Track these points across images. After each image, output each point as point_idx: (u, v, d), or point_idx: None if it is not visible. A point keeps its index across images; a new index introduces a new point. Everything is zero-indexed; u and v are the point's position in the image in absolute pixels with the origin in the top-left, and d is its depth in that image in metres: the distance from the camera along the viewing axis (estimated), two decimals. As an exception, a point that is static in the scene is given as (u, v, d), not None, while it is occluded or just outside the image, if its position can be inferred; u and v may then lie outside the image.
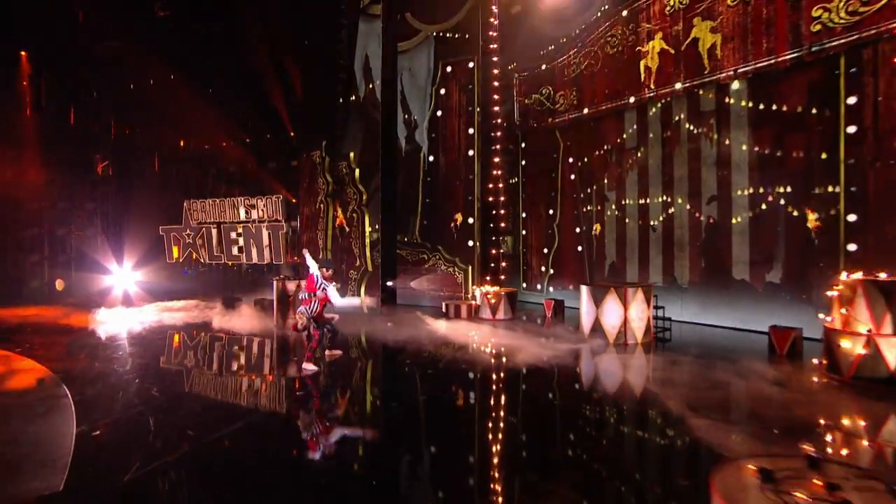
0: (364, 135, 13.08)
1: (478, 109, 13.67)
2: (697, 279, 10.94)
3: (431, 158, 14.29)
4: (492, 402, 6.42)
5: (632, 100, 11.84)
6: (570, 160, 13.51)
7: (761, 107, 9.81)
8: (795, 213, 9.43)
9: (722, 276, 10.50)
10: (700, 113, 10.79)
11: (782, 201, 9.60)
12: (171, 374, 7.62)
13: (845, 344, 6.73)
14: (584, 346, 8.94)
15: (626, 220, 12.32)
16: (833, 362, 6.92)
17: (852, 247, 8.74)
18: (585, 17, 12.76)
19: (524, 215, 14.59)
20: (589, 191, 13.17)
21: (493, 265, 13.62)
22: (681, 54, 10.89)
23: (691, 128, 10.95)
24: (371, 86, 12.91)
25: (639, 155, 11.99)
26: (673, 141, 11.30)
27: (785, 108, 9.53)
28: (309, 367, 7.32)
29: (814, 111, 9.16)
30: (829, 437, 5.02)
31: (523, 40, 14.01)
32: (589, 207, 13.19)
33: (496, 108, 13.65)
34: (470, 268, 13.68)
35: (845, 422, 5.56)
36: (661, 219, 11.59)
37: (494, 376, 7.43)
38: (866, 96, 8.57)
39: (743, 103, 10.07)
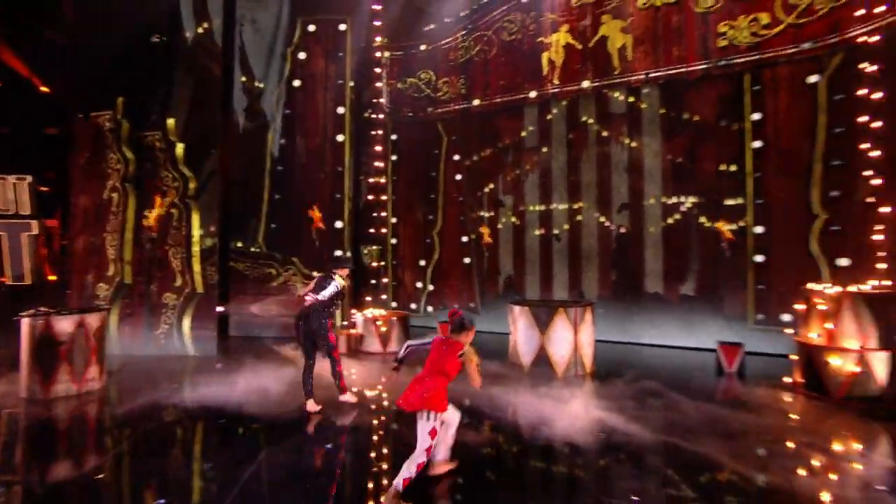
0: (193, 95, 9.04)
1: (351, 84, 10.87)
2: (607, 293, 10.24)
3: (284, 141, 10.87)
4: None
5: (532, 94, 10.69)
6: (456, 158, 11.73)
7: (673, 114, 9.58)
8: (708, 224, 9.35)
9: (634, 290, 9.97)
10: (610, 115, 10.17)
11: (695, 211, 9.46)
12: None
13: (834, 361, 6.36)
14: (555, 386, 7.08)
15: (526, 229, 11.07)
16: (816, 381, 6.53)
17: (759, 258, 8.93)
18: (477, -2, 11.21)
19: (395, 221, 12.23)
20: (479, 194, 11.57)
21: (373, 282, 10.92)
22: (588, 51, 10.15)
23: (600, 130, 10.26)
24: (207, 24, 8.99)
25: (541, 156, 10.87)
26: (580, 143, 10.47)
27: (696, 118, 9.43)
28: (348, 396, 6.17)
29: (723, 123, 9.21)
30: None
31: (396, 13, 11.76)
32: (479, 213, 11.59)
33: (378, 85, 11.07)
34: (339, 285, 10.68)
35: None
36: (566, 227, 10.63)
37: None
38: (768, 114, 8.87)
39: (655, 108, 9.73)
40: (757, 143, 8.92)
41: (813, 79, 8.48)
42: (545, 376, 7.40)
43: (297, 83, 10.79)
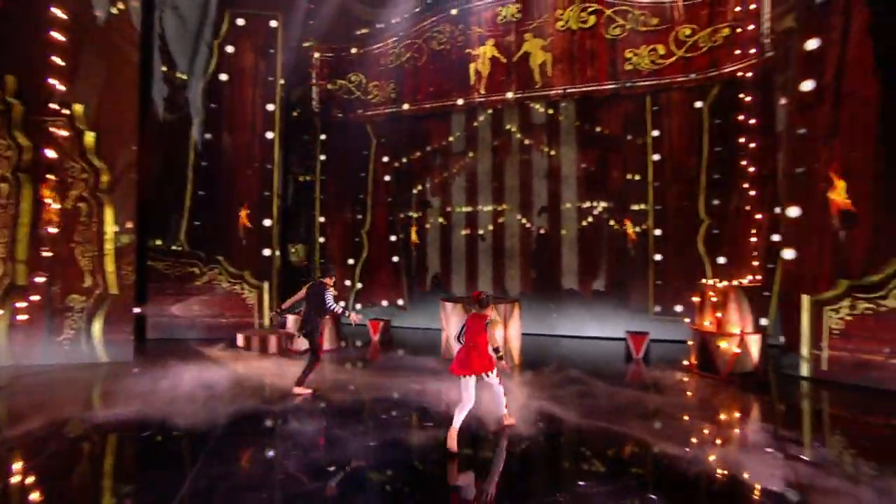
0: (108, 79, 8.48)
1: (281, 82, 10.81)
2: (528, 290, 11.05)
3: (209, 136, 10.54)
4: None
5: (460, 102, 11.31)
6: (386, 159, 12.04)
7: (587, 126, 10.63)
8: (616, 227, 10.48)
9: (552, 286, 10.87)
10: (532, 125, 11.04)
11: (605, 215, 10.55)
12: None
13: (724, 345, 7.47)
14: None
15: (452, 229, 11.63)
16: (708, 362, 7.60)
17: (658, 257, 10.18)
18: (407, 7, 11.63)
19: (322, 220, 12.26)
20: (407, 195, 11.96)
21: (304, 280, 10.86)
22: (512, 65, 10.96)
23: (523, 139, 11.09)
24: (123, 4, 8.49)
25: (467, 160, 11.51)
26: (504, 149, 11.24)
27: (607, 132, 10.55)
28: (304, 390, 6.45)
29: (629, 137, 10.40)
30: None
31: (328, 15, 11.87)
32: (408, 213, 11.98)
33: (309, 85, 11.08)
34: (267, 284, 10.57)
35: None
36: (490, 228, 11.34)
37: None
38: (664, 132, 10.17)
39: (571, 121, 10.73)
40: (656, 157, 10.18)
41: (698, 104, 9.87)
42: None
43: (224, 77, 10.54)
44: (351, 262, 12.19)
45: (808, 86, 7.65)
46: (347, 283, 12.18)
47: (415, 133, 11.84)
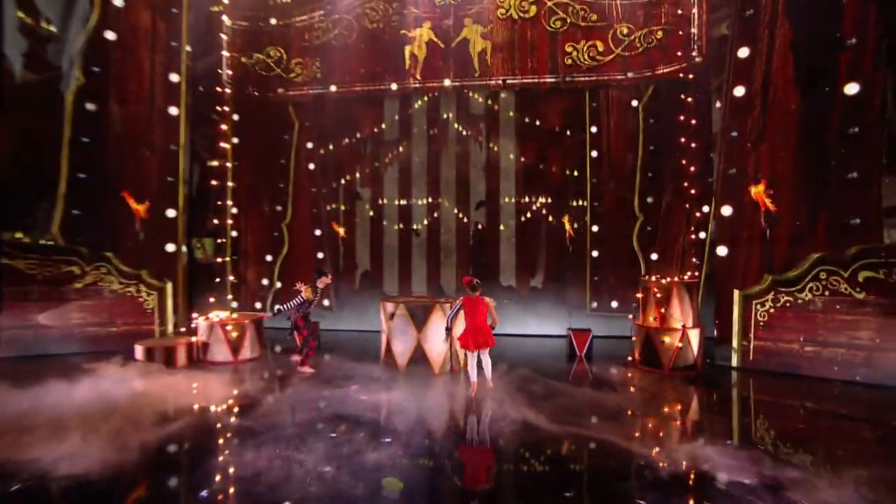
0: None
1: (187, 48, 9.26)
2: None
3: (93, 107, 8.72)
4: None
5: (394, 87, 10.50)
6: (310, 146, 10.89)
7: (527, 120, 10.36)
8: (554, 222, 10.33)
9: (490, 283, 10.47)
10: (470, 115, 10.54)
11: (544, 211, 10.36)
12: None
13: (667, 339, 7.53)
14: (441, 385, 6.99)
15: (384, 223, 10.81)
16: (652, 357, 7.64)
17: (595, 253, 10.20)
18: (336, -23, 10.58)
19: (235, 211, 10.82)
20: (335, 185, 10.93)
21: (217, 280, 9.44)
22: (451, 50, 10.37)
23: (461, 129, 10.56)
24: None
25: (401, 150, 10.74)
26: (441, 139, 10.63)
27: (546, 126, 10.36)
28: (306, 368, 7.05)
29: (568, 133, 10.29)
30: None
31: (241, -23, 10.46)
32: (334, 205, 10.94)
33: (226, 54, 9.61)
34: (171, 285, 9.03)
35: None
36: (425, 223, 10.69)
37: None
38: (602, 129, 10.21)
39: (511, 113, 10.40)
40: (594, 153, 10.16)
41: (634, 103, 10.00)
42: (424, 375, 7.24)
43: (111, 35, 8.78)
44: (269, 258, 10.89)
45: (739, 91, 7.95)
46: (265, 282, 10.88)
47: (343, 118, 10.82)
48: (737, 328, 7.87)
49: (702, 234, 9.42)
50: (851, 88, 7.05)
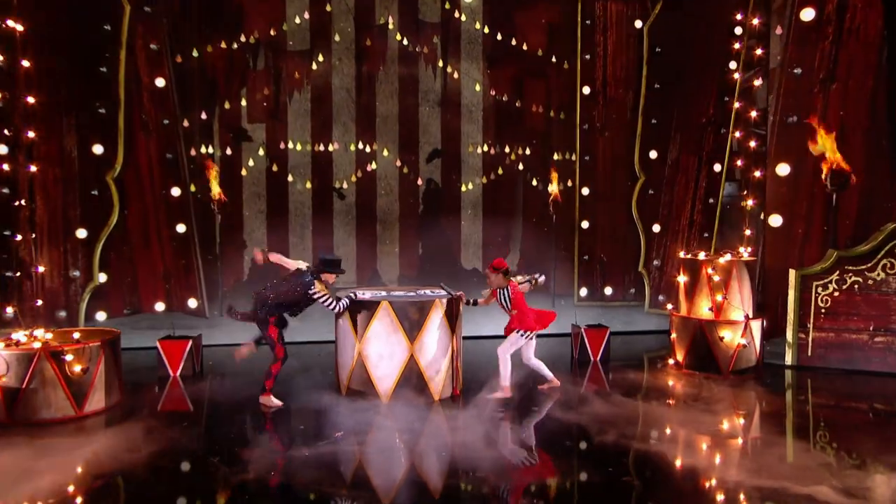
0: None
1: None
2: (412, 272, 7.37)
3: None
4: None
5: (302, -35, 6.73)
6: (155, 47, 6.61)
7: (499, 36, 7.37)
8: (535, 182, 7.58)
9: (447, 267, 7.42)
10: (419, 23, 7.22)
11: (521, 166, 7.55)
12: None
13: (727, 335, 5.50)
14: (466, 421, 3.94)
15: (289, 178, 7.07)
16: (706, 358, 5.60)
17: (585, 224, 7.73)
18: None
19: (5, 150, 6.14)
20: (204, 116, 6.87)
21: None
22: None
23: (406, 42, 7.19)
24: None
25: (314, 67, 7.03)
26: (376, 56, 7.18)
27: (525, 47, 7.47)
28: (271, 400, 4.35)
29: (554, 59, 7.56)
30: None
31: None
32: (204, 149, 6.87)
33: None
34: None
35: None
36: (353, 179, 7.20)
37: None
38: (597, 56, 7.65)
39: (478, 25, 7.31)
40: (586, 90, 7.56)
41: (638, 24, 7.59)
42: (422, 407, 4.33)
43: None
44: (82, 234, 6.45)
45: (808, 15, 6.07)
46: (75, 273, 6.45)
47: (215, 7, 6.73)
48: (792, 317, 6.03)
49: (710, 200, 7.44)
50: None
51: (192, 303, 6.85)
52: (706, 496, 3.20)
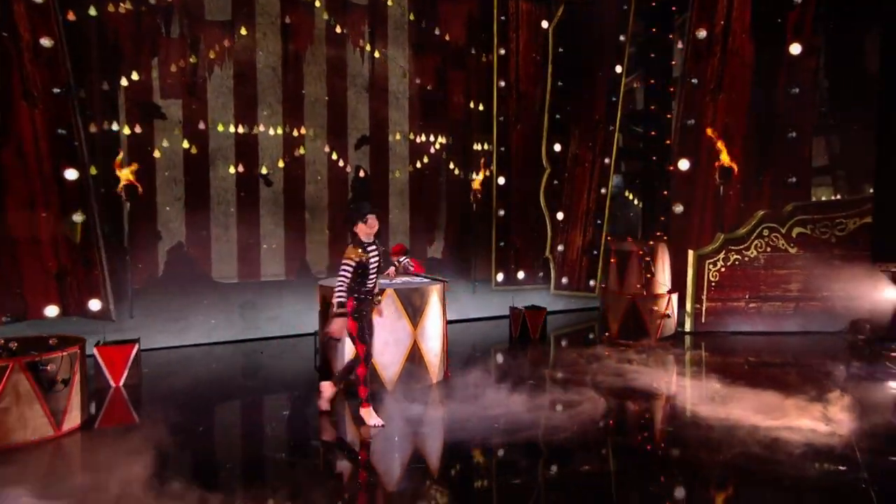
0: None
1: None
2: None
3: None
4: None
5: (220, -74, 6.11)
6: (41, 1, 5.55)
7: (424, 24, 7.52)
8: (456, 170, 8.00)
9: (377, 252, 7.55)
10: (347, 4, 7.02)
11: (444, 154, 7.90)
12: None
13: (655, 307, 6.66)
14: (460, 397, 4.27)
15: (210, 162, 6.52)
16: (637, 329, 6.70)
17: (501, 212, 8.38)
18: None
19: None
20: (106, 87, 5.96)
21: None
22: None
23: (333, 22, 6.97)
24: None
25: (237, 39, 6.49)
26: (303, 33, 6.83)
27: (448, 37, 7.73)
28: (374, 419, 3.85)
29: (473, 51, 7.94)
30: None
31: None
32: (107, 126, 6.00)
33: None
34: None
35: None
36: (280, 165, 6.90)
37: None
38: (511, 52, 8.21)
39: (404, 13, 7.36)
40: (502, 83, 8.09)
41: (544, 24, 8.27)
42: (420, 389, 4.70)
43: None
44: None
45: (702, 34, 7.22)
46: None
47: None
48: (690, 290, 7.32)
49: (602, 190, 8.63)
50: (795, 49, 6.97)
51: (95, 304, 6.04)
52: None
